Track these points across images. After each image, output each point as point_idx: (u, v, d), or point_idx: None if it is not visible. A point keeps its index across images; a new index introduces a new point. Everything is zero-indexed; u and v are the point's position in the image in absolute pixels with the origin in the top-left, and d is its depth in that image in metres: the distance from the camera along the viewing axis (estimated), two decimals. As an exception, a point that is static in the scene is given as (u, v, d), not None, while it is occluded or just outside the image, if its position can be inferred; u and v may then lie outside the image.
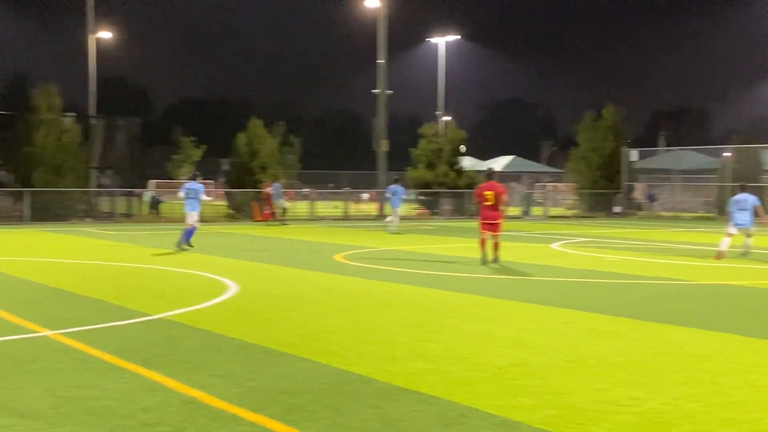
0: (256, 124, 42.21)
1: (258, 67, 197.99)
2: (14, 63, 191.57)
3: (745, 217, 21.35)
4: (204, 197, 22.98)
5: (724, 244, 20.80)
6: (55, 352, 8.89)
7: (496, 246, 19.00)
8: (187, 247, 22.09)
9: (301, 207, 46.39)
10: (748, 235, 21.45)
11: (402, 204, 33.17)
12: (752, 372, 8.09)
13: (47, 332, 9.94)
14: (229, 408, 6.70)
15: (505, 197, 19.18)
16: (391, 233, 30.53)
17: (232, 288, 14.17)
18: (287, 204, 38.15)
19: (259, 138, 42.01)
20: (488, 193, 19.01)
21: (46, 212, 36.30)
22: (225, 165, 58.67)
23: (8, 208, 38.87)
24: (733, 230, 21.36)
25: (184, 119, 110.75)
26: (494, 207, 18.96)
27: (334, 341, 9.54)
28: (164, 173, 72.51)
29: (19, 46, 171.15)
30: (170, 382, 7.52)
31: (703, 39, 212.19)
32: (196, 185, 22.93)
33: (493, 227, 18.95)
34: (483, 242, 19.08)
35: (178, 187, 58.62)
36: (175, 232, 30.55)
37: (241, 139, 42.04)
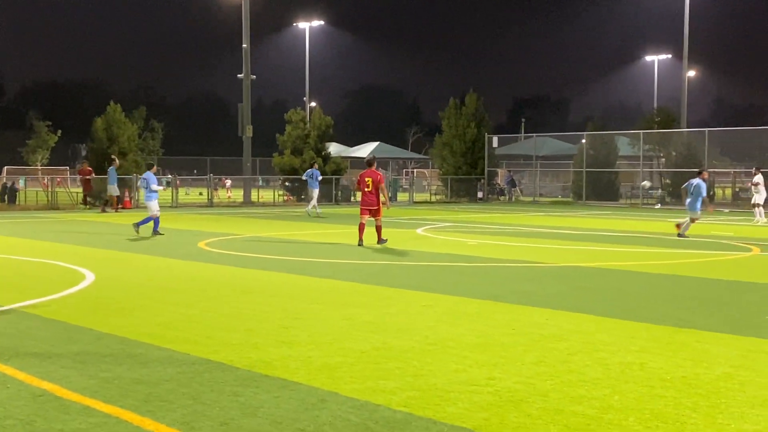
0: (114, 108, 41.03)
1: (117, 49, 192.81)
2: None
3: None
4: (154, 186, 22.89)
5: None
6: None
7: (378, 229, 20.10)
8: (161, 233, 22.54)
9: (163, 194, 45.46)
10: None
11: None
12: (603, 350, 8.39)
13: None
14: (82, 400, 6.50)
15: (383, 184, 20.36)
16: (314, 216, 32.24)
17: (89, 277, 13.76)
18: (117, 191, 36.63)
19: (118, 123, 40.86)
20: (368, 180, 20.02)
21: None
22: (83, 150, 56.89)
23: None
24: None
25: (38, 103, 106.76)
26: (373, 193, 19.97)
27: (195, 330, 9.39)
28: (18, 159, 69.73)
29: None
30: (20, 375, 7.24)
31: (563, 29, 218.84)
32: (149, 175, 23.04)
33: (374, 212, 20.01)
34: (362, 227, 19.97)
35: (33, 173, 56.45)
36: (32, 220, 29.44)
37: (99, 123, 40.80)
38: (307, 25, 61.86)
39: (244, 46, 45.37)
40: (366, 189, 20.04)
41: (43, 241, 20.90)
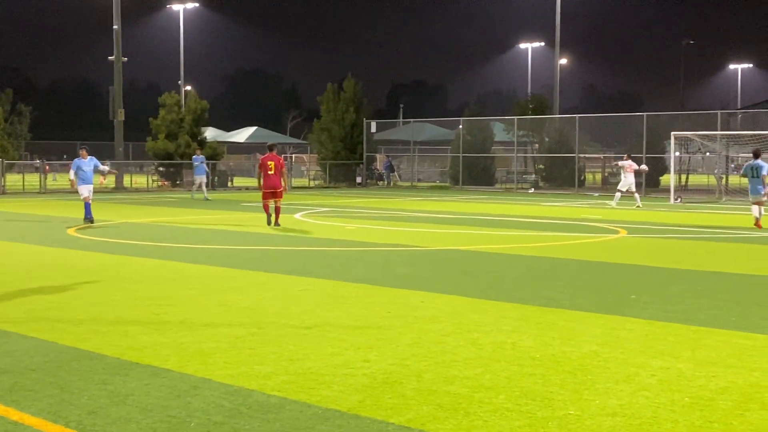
0: (-21, 91, 39.39)
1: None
2: None
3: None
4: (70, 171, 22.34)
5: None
6: None
7: (277, 210, 20.93)
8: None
9: (31, 179, 43.93)
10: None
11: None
12: (476, 331, 8.54)
13: None
14: (-60, 393, 6.22)
15: (284, 168, 21.55)
16: (203, 199, 33.74)
17: (-49, 265, 13.18)
18: None
19: (-17, 105, 39.25)
20: (270, 164, 20.92)
21: None
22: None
23: None
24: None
25: None
26: (276, 176, 20.86)
27: (63, 318, 9.10)
28: None
29: None
30: None
31: (441, 15, 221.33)
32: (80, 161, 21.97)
33: (276, 195, 20.84)
34: (266, 207, 21.00)
35: None
36: None
37: (-38, 106, 39.12)
38: (182, 7, 60.66)
39: (114, 27, 44.12)
40: (269, 172, 20.77)
41: None
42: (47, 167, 45.51)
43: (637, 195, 31.27)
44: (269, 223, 20.73)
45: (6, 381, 6.55)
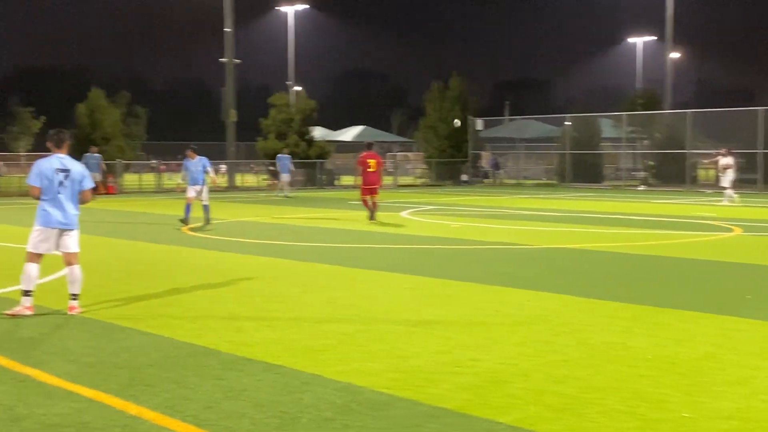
0: (97, 94, 40.83)
1: (99, 33, 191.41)
2: None
3: None
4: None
5: None
6: None
7: (374, 206, 21.78)
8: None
9: (147, 179, 45.33)
10: None
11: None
12: (585, 331, 8.43)
13: None
14: (64, 385, 6.48)
15: (382, 165, 22.36)
16: (286, 197, 34.77)
17: (72, 262, 13.69)
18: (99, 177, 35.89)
19: (101, 108, 40.64)
20: (371, 161, 21.77)
21: None
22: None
23: None
24: None
25: (19, 88, 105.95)
26: (375, 173, 21.70)
27: (178, 314, 9.38)
28: (1, 146, 69.21)
29: None
30: (2, 361, 7.21)
31: (546, 11, 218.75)
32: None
33: (373, 191, 21.73)
34: (365, 202, 21.92)
35: (17, 159, 56.12)
36: (15, 207, 29.28)
37: (82, 109, 40.56)
38: (291, 9, 61.56)
39: (226, 30, 45.12)
40: (369, 169, 21.60)
41: (24, 227, 20.76)
42: (163, 167, 46.85)
43: (730, 191, 30.52)
44: (371, 217, 21.57)
45: (124, 376, 6.79)
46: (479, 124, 51.84)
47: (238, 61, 45.68)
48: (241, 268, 13.26)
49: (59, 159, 9.49)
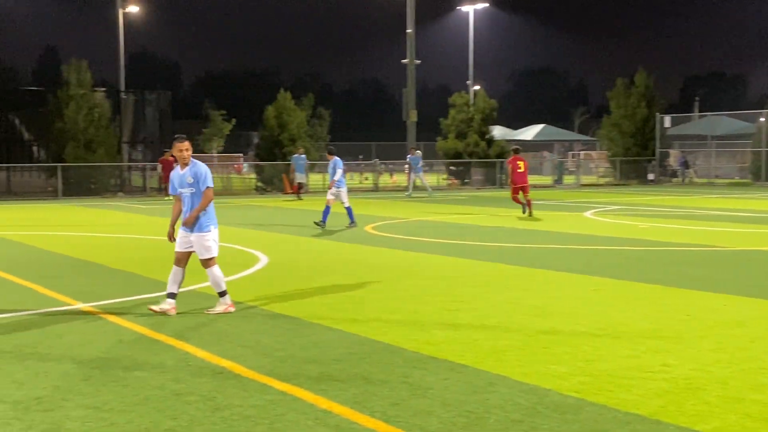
0: (284, 96, 42.12)
1: (285, 38, 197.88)
2: (45, 38, 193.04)
3: None
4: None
5: None
6: (87, 324, 8.97)
7: (529, 203, 23.65)
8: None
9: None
10: None
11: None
12: (786, 338, 7.99)
13: (79, 305, 10.04)
14: (259, 377, 6.73)
15: (528, 167, 24.46)
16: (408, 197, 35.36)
17: (262, 260, 14.23)
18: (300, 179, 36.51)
19: (288, 110, 41.93)
20: (520, 163, 24.05)
21: (79, 187, 36.65)
22: (255, 138, 58.72)
23: (42, 184, 39.27)
24: None
25: (212, 92, 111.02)
26: (524, 173, 23.88)
27: (362, 311, 9.55)
28: (195, 147, 72.82)
29: (50, 21, 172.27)
30: (201, 353, 7.56)
31: (737, 2, 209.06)
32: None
33: (524, 189, 23.78)
34: (517, 199, 23.96)
35: (209, 161, 58.69)
36: (216, 206, 30.70)
37: (270, 111, 41.98)
38: (472, 8, 61.61)
39: (408, 31, 45.63)
40: (518, 170, 23.87)
41: (220, 225, 21.70)
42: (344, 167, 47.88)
43: None
44: (529, 213, 23.35)
45: (314, 370, 6.97)
46: (667, 121, 50.10)
47: (418, 61, 46.10)
48: (422, 266, 13.36)
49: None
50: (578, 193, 39.24)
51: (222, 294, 9.63)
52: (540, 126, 72.01)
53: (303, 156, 35.32)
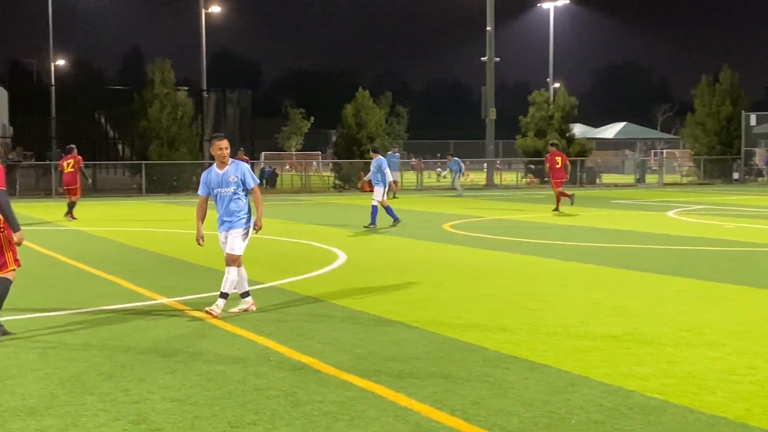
0: (363, 95, 42.31)
1: (364, 37, 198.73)
2: (130, 38, 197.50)
3: None
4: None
5: None
6: (171, 319, 9.15)
7: (558, 198, 25.35)
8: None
9: (408, 177, 46.52)
10: None
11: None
12: None
13: (163, 300, 10.25)
14: (339, 374, 6.78)
15: (568, 162, 26.04)
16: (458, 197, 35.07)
17: (341, 257, 14.32)
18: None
19: (366, 108, 42.11)
20: (558, 158, 25.50)
21: (161, 184, 37.42)
22: (333, 136, 59.10)
23: (126, 181, 40.19)
24: None
25: (291, 91, 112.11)
26: (561, 169, 25.42)
27: (442, 310, 9.54)
28: (273, 145, 73.56)
29: (134, 22, 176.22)
30: (281, 348, 7.65)
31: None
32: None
33: (559, 184, 25.41)
34: (564, 193, 25.51)
35: (288, 158, 59.40)
36: (288, 203, 31.07)
37: (349, 110, 42.22)
38: (552, 5, 61.03)
39: (488, 28, 45.41)
40: (556, 166, 25.36)
41: (299, 222, 21.95)
42: (422, 165, 47.90)
43: None
44: (572, 202, 25.51)
45: (394, 368, 6.99)
46: (753, 119, 48.87)
47: (497, 59, 45.85)
48: (500, 265, 13.29)
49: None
50: (661, 192, 38.55)
51: (245, 295, 9.59)
52: (621, 124, 70.94)
53: (397, 154, 35.28)
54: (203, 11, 47.32)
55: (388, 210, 20.39)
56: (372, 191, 20.69)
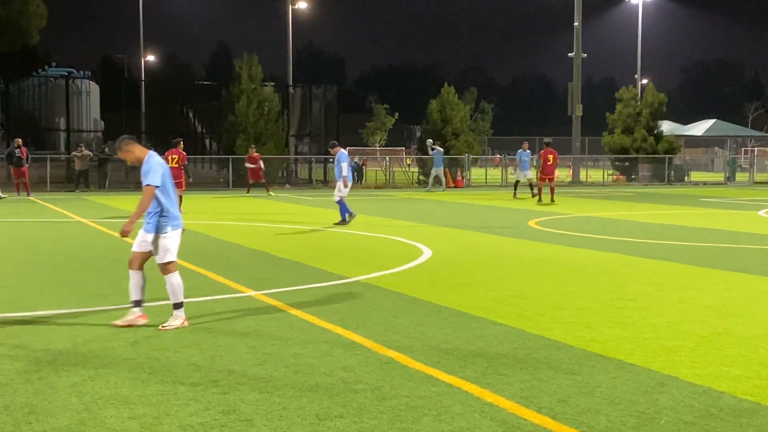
0: (448, 91, 42.23)
1: (449, 32, 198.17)
2: (217, 34, 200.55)
3: None
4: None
5: None
6: (259, 311, 9.30)
7: (552, 190, 28.15)
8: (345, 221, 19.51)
9: (493, 174, 46.28)
10: None
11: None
12: None
13: (251, 292, 10.42)
14: (425, 369, 6.81)
15: (558, 160, 28.53)
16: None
17: (426, 253, 14.34)
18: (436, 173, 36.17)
19: (452, 104, 42.03)
20: (550, 156, 27.64)
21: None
22: (417, 131, 59.14)
23: (214, 175, 40.88)
24: None
25: (375, 86, 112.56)
26: (552, 165, 27.77)
27: (527, 306, 9.50)
28: (358, 140, 74.00)
29: (221, 18, 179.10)
30: (368, 342, 7.72)
31: None
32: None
33: (551, 179, 28.03)
34: (540, 189, 28.54)
35: (372, 154, 59.74)
36: (372, 198, 31.22)
37: (434, 105, 42.20)
38: (640, 0, 59.98)
39: (575, 24, 44.88)
40: (548, 163, 27.56)
41: (384, 217, 22.05)
42: (506, 161, 47.56)
43: None
44: (551, 200, 27.63)
45: (480, 364, 6.99)
46: None
47: (584, 55, 45.29)
48: (587, 263, 13.15)
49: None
50: (751, 190, 37.60)
51: (177, 306, 8.52)
52: (711, 121, 69.16)
53: (528, 152, 32.85)
54: (290, 7, 47.85)
55: (342, 205, 19.38)
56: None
